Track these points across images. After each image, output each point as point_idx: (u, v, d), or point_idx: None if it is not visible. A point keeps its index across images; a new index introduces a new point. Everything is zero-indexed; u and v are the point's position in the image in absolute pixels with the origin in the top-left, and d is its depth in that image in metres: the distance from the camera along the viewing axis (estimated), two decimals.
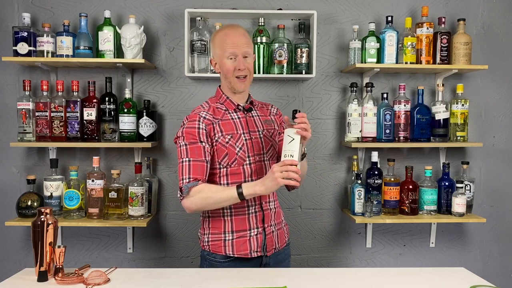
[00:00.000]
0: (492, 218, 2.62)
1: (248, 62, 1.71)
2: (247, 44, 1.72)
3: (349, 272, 1.74)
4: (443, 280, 1.54)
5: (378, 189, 2.41)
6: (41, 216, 1.48)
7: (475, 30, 2.56)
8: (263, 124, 1.80)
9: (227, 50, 1.69)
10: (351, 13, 2.53)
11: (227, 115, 1.74)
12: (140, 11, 2.48)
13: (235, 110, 1.76)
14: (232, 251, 1.70)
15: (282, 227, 1.84)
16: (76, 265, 1.83)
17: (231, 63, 1.69)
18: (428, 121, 2.44)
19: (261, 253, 1.73)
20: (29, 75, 2.46)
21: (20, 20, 2.39)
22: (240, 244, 1.71)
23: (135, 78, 2.51)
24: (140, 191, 2.27)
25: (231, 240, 1.71)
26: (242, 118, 1.76)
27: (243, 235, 1.71)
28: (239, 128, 1.73)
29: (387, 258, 2.62)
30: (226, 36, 1.71)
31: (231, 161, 1.69)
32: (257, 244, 1.72)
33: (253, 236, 1.72)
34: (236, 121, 1.74)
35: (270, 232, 1.76)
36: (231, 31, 1.73)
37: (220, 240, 1.72)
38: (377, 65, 2.35)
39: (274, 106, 1.93)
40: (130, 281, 1.49)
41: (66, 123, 2.32)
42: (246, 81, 1.73)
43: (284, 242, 1.83)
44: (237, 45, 1.69)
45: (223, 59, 1.70)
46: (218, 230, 1.73)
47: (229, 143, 1.69)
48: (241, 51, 1.69)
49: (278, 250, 1.79)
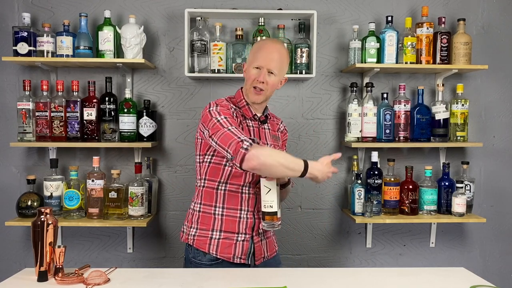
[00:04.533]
0: (492, 218, 2.62)
1: (271, 79, 1.70)
2: (278, 62, 1.70)
3: (349, 272, 1.74)
4: (443, 280, 1.54)
5: (378, 189, 2.41)
6: (41, 216, 1.48)
7: (475, 30, 2.56)
8: (271, 138, 1.82)
9: (256, 61, 1.69)
10: (351, 13, 2.53)
11: (244, 121, 1.75)
12: (140, 11, 2.48)
13: (251, 118, 1.77)
14: (216, 251, 1.69)
15: (271, 235, 1.84)
16: (76, 265, 1.83)
17: (254, 72, 1.69)
18: (428, 121, 2.44)
19: (245, 261, 1.72)
20: (29, 75, 2.46)
21: (20, 20, 2.39)
22: (226, 246, 1.69)
23: (135, 78, 2.51)
24: (140, 191, 2.27)
25: (217, 240, 1.70)
26: (256, 128, 1.77)
27: (230, 237, 1.70)
28: (252, 136, 1.74)
29: (387, 258, 2.62)
30: (262, 47, 1.73)
31: None
32: (242, 251, 1.71)
33: (239, 241, 1.71)
34: (250, 129, 1.76)
35: (259, 241, 1.75)
36: (268, 44, 1.75)
37: (207, 237, 1.70)
38: (377, 65, 2.35)
39: (283, 122, 1.95)
40: (130, 281, 1.49)
41: (66, 123, 2.32)
42: (261, 95, 1.71)
43: (274, 251, 1.84)
44: (266, 60, 1.68)
45: (250, 67, 1.71)
46: (206, 227, 1.71)
47: None
48: (268, 66, 1.68)
49: (268, 259, 1.80)
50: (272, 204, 1.58)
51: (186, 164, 2.54)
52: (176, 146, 2.53)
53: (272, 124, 1.87)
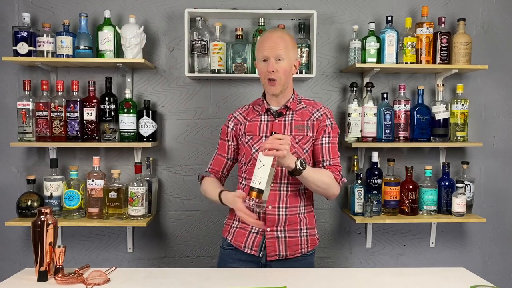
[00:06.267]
0: (492, 218, 2.62)
1: (281, 66, 1.67)
2: (283, 47, 1.67)
3: (349, 272, 1.74)
4: (443, 280, 1.54)
5: (378, 189, 2.41)
6: (41, 216, 1.48)
7: (475, 30, 2.56)
8: (293, 129, 1.74)
9: (260, 53, 1.70)
10: (351, 13, 2.53)
11: (258, 117, 1.79)
12: (140, 11, 2.48)
13: (265, 112, 1.78)
14: (231, 238, 1.79)
15: (299, 235, 1.75)
16: (76, 265, 1.83)
17: (263, 65, 1.69)
18: (428, 121, 2.44)
19: (256, 253, 1.74)
20: (29, 75, 2.46)
21: (20, 20, 2.39)
22: (239, 234, 1.78)
23: (135, 78, 2.51)
24: (140, 191, 2.27)
25: (235, 228, 1.80)
26: (270, 121, 1.77)
27: (245, 227, 1.77)
28: (262, 131, 1.75)
29: (387, 258, 2.62)
30: (263, 39, 1.71)
31: (247, 161, 1.76)
32: (253, 242, 1.74)
33: (253, 232, 1.75)
34: (262, 123, 1.77)
35: (274, 237, 1.72)
36: (267, 34, 1.73)
37: (229, 225, 1.84)
38: (377, 65, 2.35)
39: (322, 109, 1.79)
40: (130, 281, 1.49)
41: (66, 123, 2.32)
42: (277, 85, 1.69)
43: (299, 251, 1.76)
44: (270, 48, 1.67)
45: (258, 62, 1.72)
46: (231, 216, 1.84)
47: (248, 144, 1.75)
48: (274, 54, 1.66)
49: (287, 257, 1.74)
50: (261, 181, 1.46)
51: (186, 164, 2.54)
52: (176, 146, 2.53)
53: (303, 114, 1.77)
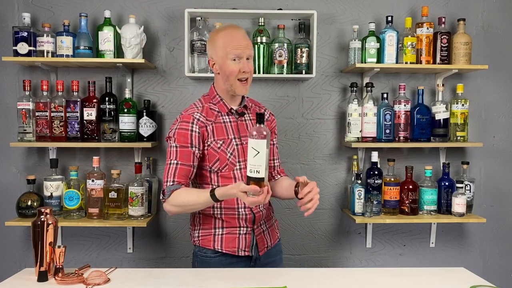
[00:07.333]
0: (492, 218, 2.62)
1: (251, 65, 1.70)
2: (250, 46, 1.70)
3: (349, 272, 1.74)
4: (443, 280, 1.54)
5: (378, 189, 2.41)
6: (41, 216, 1.48)
7: (475, 30, 2.56)
8: None
9: (232, 52, 1.64)
10: (351, 13, 2.53)
11: (220, 117, 1.73)
12: (140, 11, 2.48)
13: (227, 113, 1.74)
14: (221, 247, 1.71)
15: (272, 223, 1.86)
16: (76, 265, 1.84)
17: (235, 64, 1.65)
18: (428, 121, 2.44)
19: (249, 253, 1.73)
20: (29, 75, 2.46)
21: (20, 20, 2.39)
22: (229, 240, 1.71)
23: (135, 78, 2.51)
24: (140, 191, 2.27)
25: (221, 235, 1.72)
26: (234, 122, 1.75)
27: (232, 231, 1.72)
28: (230, 133, 1.72)
29: (387, 258, 2.62)
30: (230, 37, 1.67)
31: (222, 166, 1.69)
32: (245, 244, 1.73)
33: (242, 234, 1.73)
34: (227, 125, 1.73)
35: (261, 232, 1.78)
36: (235, 32, 1.69)
37: (210, 235, 1.73)
38: (377, 65, 2.35)
39: (268, 110, 1.91)
40: (130, 281, 1.49)
41: (66, 123, 2.32)
42: (247, 84, 1.71)
43: (276, 238, 1.86)
44: (241, 47, 1.66)
45: (226, 61, 1.65)
46: (209, 226, 1.74)
47: (221, 149, 1.69)
48: (246, 54, 1.67)
49: (271, 247, 1.81)
50: (259, 169, 1.39)
51: None
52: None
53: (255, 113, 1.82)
